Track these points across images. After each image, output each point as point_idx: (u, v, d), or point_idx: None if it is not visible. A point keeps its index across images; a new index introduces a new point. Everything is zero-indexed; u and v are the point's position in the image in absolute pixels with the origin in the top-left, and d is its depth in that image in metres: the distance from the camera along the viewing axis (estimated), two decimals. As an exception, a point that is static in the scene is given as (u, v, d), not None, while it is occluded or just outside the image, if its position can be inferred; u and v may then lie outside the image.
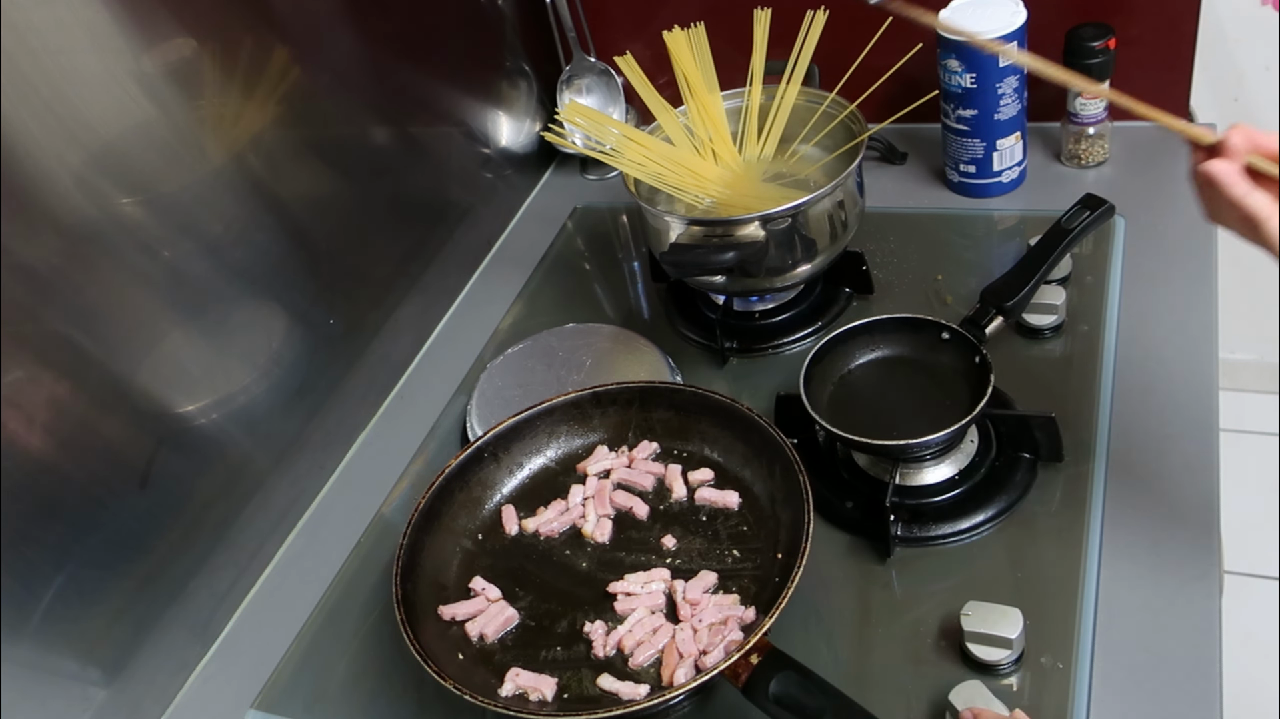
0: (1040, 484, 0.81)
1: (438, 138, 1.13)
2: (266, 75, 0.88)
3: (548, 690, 0.71)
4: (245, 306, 0.88)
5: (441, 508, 0.82)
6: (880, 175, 1.16)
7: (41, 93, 0.69)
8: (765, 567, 0.76)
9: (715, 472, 0.84)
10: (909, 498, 0.81)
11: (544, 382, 0.97)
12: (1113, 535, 0.76)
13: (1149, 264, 0.97)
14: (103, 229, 0.74)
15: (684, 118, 1.01)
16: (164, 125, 0.79)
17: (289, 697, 0.81)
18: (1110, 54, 1.01)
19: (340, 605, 0.87)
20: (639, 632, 0.73)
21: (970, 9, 0.99)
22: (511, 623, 0.77)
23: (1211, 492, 0.77)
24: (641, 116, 1.26)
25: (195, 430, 0.84)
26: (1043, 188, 1.09)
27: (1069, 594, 0.73)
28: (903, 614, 0.75)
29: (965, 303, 0.96)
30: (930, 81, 1.00)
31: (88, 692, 0.76)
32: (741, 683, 0.65)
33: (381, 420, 1.04)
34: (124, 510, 0.77)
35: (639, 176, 0.96)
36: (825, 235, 0.93)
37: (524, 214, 1.28)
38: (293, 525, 0.95)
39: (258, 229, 0.89)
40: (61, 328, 0.72)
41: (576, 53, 1.24)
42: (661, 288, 1.09)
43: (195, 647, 0.85)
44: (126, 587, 0.78)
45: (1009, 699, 0.66)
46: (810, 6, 0.97)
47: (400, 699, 0.78)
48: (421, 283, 1.10)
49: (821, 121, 0.99)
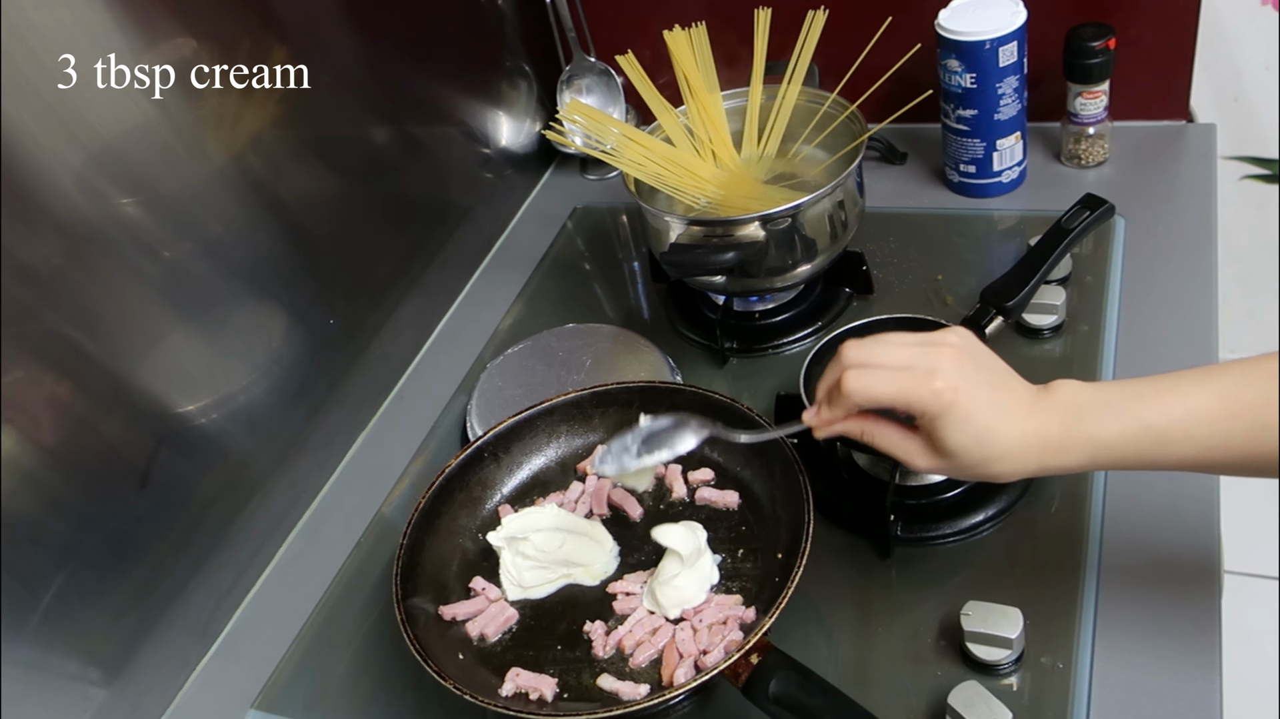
0: (1040, 484, 0.81)
1: (438, 138, 1.13)
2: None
3: (548, 690, 0.71)
4: (245, 306, 0.88)
5: (441, 508, 0.82)
6: (880, 175, 1.16)
7: (41, 93, 0.69)
8: (765, 567, 0.76)
9: (715, 472, 0.84)
10: (909, 498, 0.81)
11: (544, 381, 0.97)
12: (1112, 536, 0.76)
13: (1149, 264, 0.97)
14: (103, 229, 0.74)
15: (684, 118, 1.01)
16: (164, 125, 0.79)
17: (289, 697, 0.81)
18: (1110, 54, 1.01)
19: (340, 605, 0.87)
20: (639, 632, 0.73)
21: (970, 9, 0.99)
22: (511, 623, 0.77)
23: (1211, 492, 0.77)
24: (641, 117, 1.26)
25: (195, 430, 0.84)
26: (1043, 188, 1.09)
27: (1069, 594, 0.73)
28: (903, 614, 0.75)
29: (965, 303, 0.96)
30: (930, 81, 1.00)
31: (88, 691, 0.76)
32: (741, 683, 0.65)
33: (381, 420, 1.04)
34: (124, 510, 0.77)
35: (639, 176, 0.96)
36: (825, 235, 0.93)
37: (524, 214, 1.28)
38: (293, 525, 0.95)
39: (258, 229, 0.89)
40: (61, 328, 0.72)
41: (576, 53, 1.24)
42: (661, 288, 1.09)
43: (195, 647, 0.85)
44: (126, 587, 0.78)
45: (1009, 699, 0.66)
46: (810, 6, 0.97)
47: (400, 699, 0.78)
48: (421, 283, 1.10)
49: (822, 122, 0.99)
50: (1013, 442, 0.59)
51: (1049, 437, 0.58)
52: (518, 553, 0.78)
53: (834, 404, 0.63)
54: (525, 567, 0.78)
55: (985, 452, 0.59)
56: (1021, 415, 0.59)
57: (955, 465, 0.60)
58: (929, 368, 0.59)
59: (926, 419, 0.59)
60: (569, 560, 0.78)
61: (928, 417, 0.59)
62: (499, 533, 0.80)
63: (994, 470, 0.60)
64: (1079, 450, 0.58)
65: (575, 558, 0.78)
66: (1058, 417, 0.59)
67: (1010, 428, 0.59)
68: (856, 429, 0.64)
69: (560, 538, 0.78)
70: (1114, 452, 0.58)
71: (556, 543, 0.78)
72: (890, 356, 0.60)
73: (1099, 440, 0.58)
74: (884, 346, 0.61)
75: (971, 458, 0.59)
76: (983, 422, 0.58)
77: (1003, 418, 0.59)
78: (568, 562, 0.78)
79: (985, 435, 0.58)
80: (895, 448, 0.62)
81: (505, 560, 0.79)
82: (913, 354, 0.60)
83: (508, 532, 0.79)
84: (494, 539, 0.80)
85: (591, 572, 0.78)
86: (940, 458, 0.60)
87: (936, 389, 0.58)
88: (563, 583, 0.79)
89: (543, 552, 0.77)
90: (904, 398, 0.59)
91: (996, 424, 0.59)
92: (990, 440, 0.59)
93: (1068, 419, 0.58)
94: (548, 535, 0.78)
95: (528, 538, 0.78)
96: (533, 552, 0.78)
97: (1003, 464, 0.59)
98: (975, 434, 0.58)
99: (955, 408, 0.58)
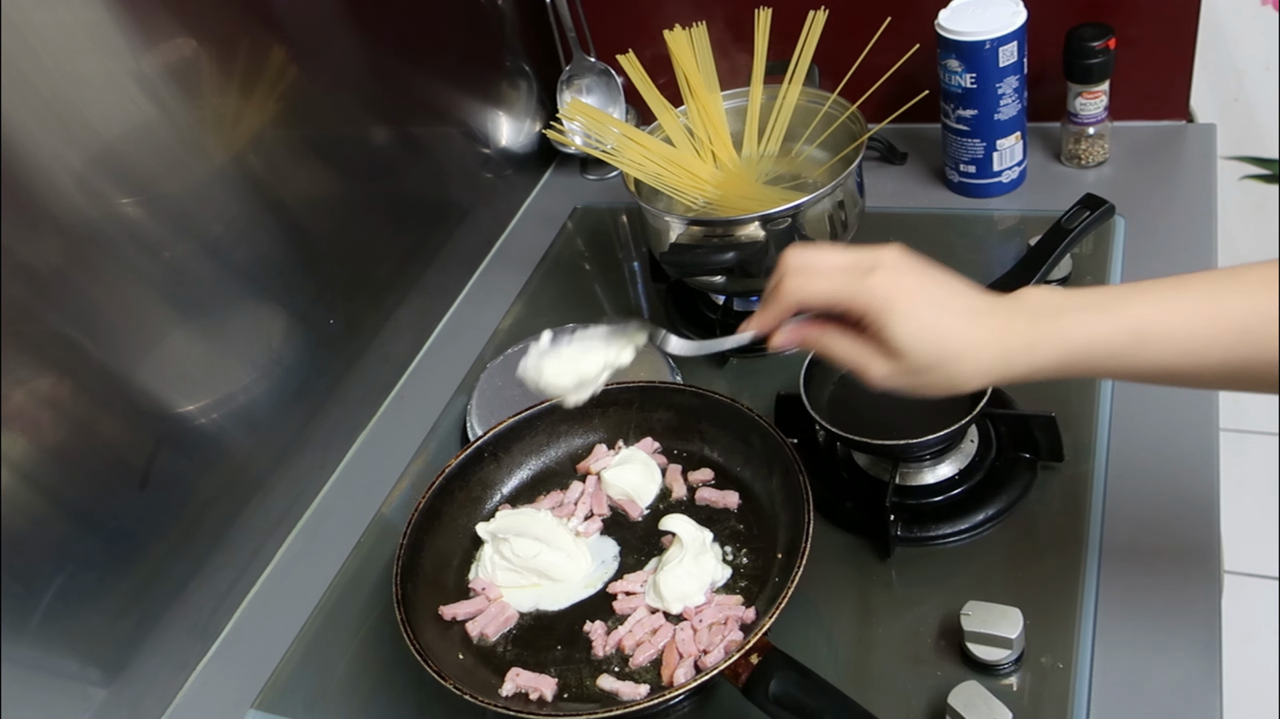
0: (1040, 484, 0.81)
1: (438, 138, 1.13)
2: (266, 75, 0.88)
3: (548, 690, 0.71)
4: (245, 306, 0.88)
5: (442, 508, 0.82)
6: (880, 175, 1.16)
7: (41, 93, 0.69)
8: (765, 567, 0.76)
9: (715, 472, 0.84)
10: (909, 498, 0.81)
11: (544, 382, 0.97)
12: (1113, 535, 0.76)
13: (1149, 264, 0.97)
14: (103, 229, 0.74)
15: (684, 118, 1.01)
16: (164, 125, 0.79)
17: (289, 697, 0.81)
18: (1110, 54, 1.01)
19: (340, 605, 0.87)
20: (639, 632, 0.73)
21: (970, 9, 0.99)
22: (511, 623, 0.77)
23: (1211, 491, 0.77)
24: (641, 117, 1.26)
25: (195, 430, 0.84)
26: (1043, 188, 1.09)
27: (1069, 594, 0.73)
28: (903, 614, 0.75)
29: (965, 303, 0.96)
30: (930, 81, 1.00)
31: (88, 692, 0.76)
32: (741, 683, 0.65)
33: (381, 420, 1.04)
34: (124, 510, 0.77)
35: (639, 176, 0.96)
36: (825, 235, 0.93)
37: (524, 214, 1.28)
38: (293, 525, 0.95)
39: (258, 229, 0.89)
40: (61, 328, 0.72)
41: (576, 53, 1.24)
42: (661, 288, 1.08)
43: (195, 647, 0.85)
44: (126, 587, 0.78)
45: (1009, 699, 0.66)
46: (810, 6, 0.97)
47: (400, 699, 0.78)
48: (421, 283, 1.10)
49: (822, 122, 0.99)
50: (968, 340, 0.56)
51: (1012, 335, 0.56)
52: (497, 551, 0.79)
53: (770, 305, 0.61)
54: (501, 566, 0.78)
55: (938, 350, 0.56)
56: (979, 314, 0.57)
57: (910, 368, 0.57)
58: (868, 266, 0.57)
59: (869, 318, 0.57)
60: (541, 572, 0.78)
61: (869, 314, 0.57)
62: (488, 525, 0.81)
63: (953, 373, 0.57)
64: (1047, 350, 0.56)
65: (548, 571, 0.78)
66: (1023, 316, 0.56)
67: (963, 326, 0.56)
68: (808, 337, 0.62)
69: (538, 548, 0.78)
70: (1087, 352, 0.55)
71: (533, 551, 0.78)
72: (830, 259, 0.59)
73: (1069, 339, 0.55)
74: (825, 251, 0.60)
75: (925, 358, 0.56)
76: (929, 316, 0.56)
77: (953, 316, 0.57)
78: (540, 573, 0.78)
79: (933, 331, 0.56)
80: (848, 354, 0.60)
81: (485, 554, 0.79)
82: (853, 256, 0.59)
83: (495, 527, 0.80)
84: (482, 530, 0.80)
85: (556, 593, 0.78)
86: (892, 359, 0.57)
87: (872, 283, 0.56)
88: (530, 592, 0.78)
89: (518, 555, 0.78)
90: (841, 294, 0.57)
91: (945, 321, 0.56)
92: (940, 336, 0.56)
93: (1035, 318, 0.56)
94: (527, 542, 0.78)
95: (508, 539, 0.78)
96: (510, 553, 0.78)
97: (960, 365, 0.56)
98: (921, 329, 0.56)
99: (895, 301, 0.56)
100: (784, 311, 0.61)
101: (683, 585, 0.74)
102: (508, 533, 0.79)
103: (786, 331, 0.62)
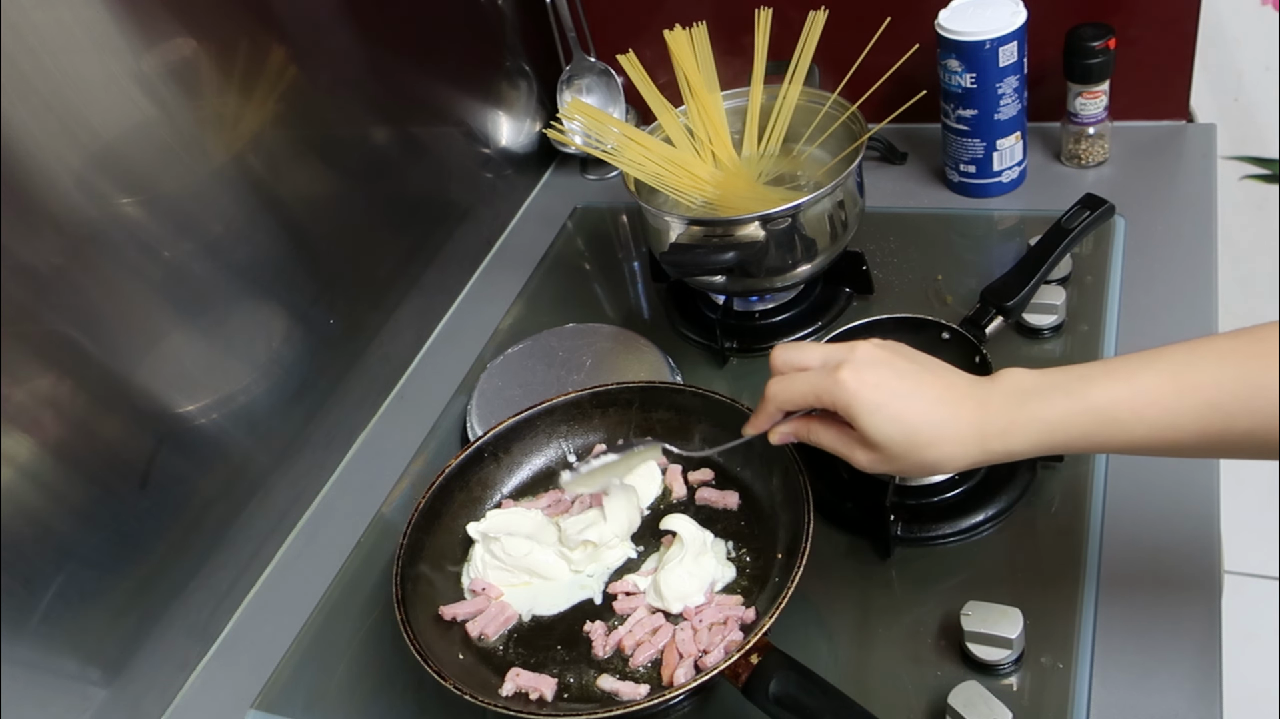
0: (1040, 484, 0.81)
1: (438, 138, 1.13)
2: (266, 75, 0.88)
3: (548, 690, 0.71)
4: (245, 306, 0.88)
5: (441, 508, 0.82)
6: (880, 175, 1.16)
7: (41, 93, 0.69)
8: (765, 567, 0.76)
9: (715, 471, 0.84)
10: (909, 498, 0.81)
11: (544, 382, 0.97)
12: (1113, 535, 0.76)
13: (1149, 264, 0.97)
14: (103, 229, 0.74)
15: (684, 118, 1.01)
16: (164, 125, 0.79)
17: (289, 697, 0.81)
18: (1110, 54, 1.01)
19: (340, 605, 0.87)
20: (639, 632, 0.73)
21: (970, 9, 0.99)
22: (511, 623, 0.77)
23: (1211, 492, 0.77)
24: (641, 117, 1.26)
25: (195, 430, 0.84)
26: (1043, 188, 1.09)
27: (1069, 594, 0.73)
28: (903, 614, 0.75)
29: (965, 303, 0.96)
30: (930, 81, 1.00)
31: (88, 692, 0.76)
32: (741, 683, 0.65)
33: (381, 420, 1.04)
34: (124, 510, 0.77)
35: (639, 176, 0.96)
36: (825, 235, 0.93)
37: (524, 214, 1.28)
38: (293, 525, 0.95)
39: (258, 229, 0.89)
40: (61, 328, 0.72)
41: (576, 53, 1.24)
42: (661, 288, 1.09)
43: (195, 647, 0.85)
44: (126, 587, 0.78)
45: (1009, 699, 0.66)
46: (810, 7, 0.97)
47: (400, 699, 0.78)
48: (421, 283, 1.10)
49: (822, 122, 0.99)
50: (938, 426, 0.58)
51: (987, 420, 0.58)
52: (488, 550, 0.79)
53: (760, 410, 0.66)
54: (492, 565, 0.78)
55: (907, 438, 0.59)
56: (949, 402, 0.59)
57: (888, 456, 0.60)
58: (836, 362, 0.60)
59: (844, 412, 0.60)
60: (532, 570, 0.78)
61: (840, 407, 0.60)
62: (478, 525, 0.80)
63: (928, 458, 0.59)
64: (1024, 433, 0.57)
65: (539, 569, 0.78)
66: (998, 401, 0.58)
67: (932, 413, 0.59)
68: (799, 433, 0.66)
69: (528, 546, 0.78)
70: (1061, 433, 0.57)
71: (524, 550, 0.78)
72: (806, 357, 0.63)
73: (1044, 421, 0.57)
74: (803, 350, 0.63)
75: (899, 446, 0.59)
76: (898, 407, 0.59)
77: (925, 404, 0.59)
78: (531, 571, 0.78)
79: (899, 421, 0.59)
80: (834, 446, 0.63)
81: (476, 553, 0.79)
82: (827, 352, 0.62)
83: (485, 526, 0.80)
84: (472, 530, 0.80)
85: (548, 593, 0.78)
86: (871, 450, 0.61)
87: (840, 378, 0.59)
88: (523, 591, 0.78)
89: (509, 554, 0.78)
90: (815, 392, 0.61)
91: (912, 409, 0.59)
92: (908, 425, 0.59)
93: (1010, 403, 0.58)
94: (518, 541, 0.78)
95: (499, 538, 0.78)
96: (501, 553, 0.78)
97: (936, 450, 0.59)
98: (887, 421, 0.59)
99: (863, 395, 0.59)
100: (773, 414, 0.66)
101: (683, 585, 0.74)
102: (498, 532, 0.79)
103: (780, 431, 0.67)
